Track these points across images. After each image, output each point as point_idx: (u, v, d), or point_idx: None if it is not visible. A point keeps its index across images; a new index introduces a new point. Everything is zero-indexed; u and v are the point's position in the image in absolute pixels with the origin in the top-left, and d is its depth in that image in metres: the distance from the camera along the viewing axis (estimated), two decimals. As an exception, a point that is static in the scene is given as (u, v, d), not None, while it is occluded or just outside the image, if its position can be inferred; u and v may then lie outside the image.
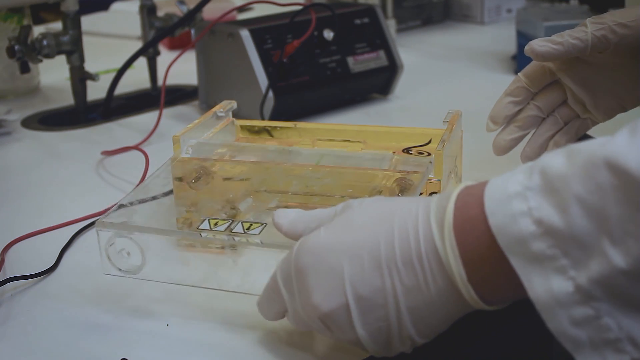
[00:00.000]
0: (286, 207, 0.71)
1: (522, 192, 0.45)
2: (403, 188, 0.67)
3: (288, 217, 0.56)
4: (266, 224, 0.63)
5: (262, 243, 0.60)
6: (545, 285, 0.44)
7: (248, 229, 0.63)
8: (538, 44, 0.73)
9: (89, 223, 0.80)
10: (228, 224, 0.64)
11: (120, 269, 0.64)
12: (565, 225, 0.43)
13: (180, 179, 0.72)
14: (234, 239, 0.61)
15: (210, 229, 0.64)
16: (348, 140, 0.79)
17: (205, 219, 0.65)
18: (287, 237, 0.56)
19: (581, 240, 0.43)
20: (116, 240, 0.62)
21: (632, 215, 0.41)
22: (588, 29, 0.72)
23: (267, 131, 0.82)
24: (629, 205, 0.41)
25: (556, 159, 0.45)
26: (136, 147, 0.98)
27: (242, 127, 0.82)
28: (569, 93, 0.78)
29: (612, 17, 0.72)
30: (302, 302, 0.53)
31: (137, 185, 0.69)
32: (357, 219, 0.52)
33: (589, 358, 0.44)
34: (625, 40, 0.72)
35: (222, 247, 0.73)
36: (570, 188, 0.43)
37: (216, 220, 0.65)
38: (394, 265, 0.49)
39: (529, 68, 0.78)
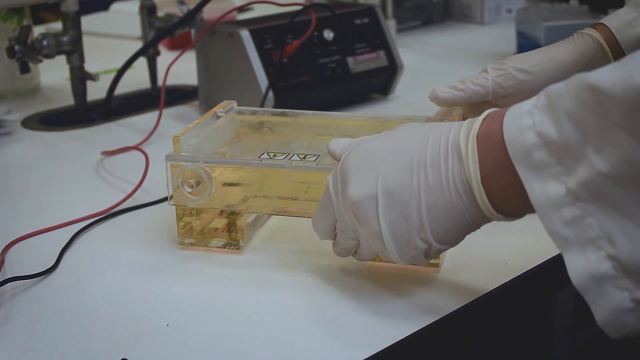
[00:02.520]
0: (285, 212, 0.72)
1: (530, 110, 0.51)
2: None
3: (340, 143, 0.66)
4: (319, 155, 0.72)
5: (317, 165, 0.70)
6: (543, 189, 0.50)
7: (304, 158, 0.72)
8: (441, 91, 0.77)
9: (89, 223, 0.80)
10: (285, 155, 0.72)
11: (188, 196, 0.71)
12: (559, 136, 0.49)
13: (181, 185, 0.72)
14: (291, 163, 0.70)
15: (270, 158, 0.71)
16: (348, 136, 0.79)
17: (263, 153, 0.73)
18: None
19: (571, 150, 0.49)
20: (184, 171, 0.71)
21: (609, 127, 0.46)
22: (489, 75, 0.76)
23: (267, 126, 0.81)
24: (605, 118, 0.47)
25: (559, 85, 0.51)
26: (136, 147, 0.98)
27: (242, 122, 0.82)
28: None
29: (512, 63, 0.77)
30: (342, 197, 0.60)
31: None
32: (399, 131, 0.60)
33: (574, 255, 0.49)
34: (525, 85, 0.76)
35: (224, 247, 0.74)
36: (563, 105, 0.49)
37: (274, 153, 0.73)
38: (422, 166, 0.56)
39: (437, 113, 0.81)
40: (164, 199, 0.85)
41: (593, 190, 0.48)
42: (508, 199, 0.54)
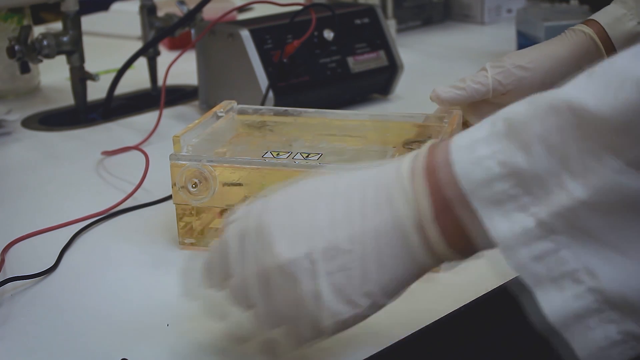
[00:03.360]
0: None
1: (485, 138, 0.47)
2: None
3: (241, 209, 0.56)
4: (322, 154, 0.73)
5: (320, 164, 0.70)
6: (507, 224, 0.45)
7: (307, 157, 0.72)
8: (443, 90, 0.77)
9: (89, 223, 0.80)
10: (289, 154, 0.72)
11: (190, 194, 0.71)
12: (528, 164, 0.45)
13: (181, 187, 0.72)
14: (295, 162, 0.70)
15: (274, 157, 0.72)
16: (348, 135, 0.79)
17: (267, 152, 0.73)
18: None
19: (543, 178, 0.45)
20: (187, 170, 0.71)
21: (591, 150, 0.43)
22: (489, 73, 0.76)
23: (268, 126, 0.81)
24: (588, 141, 0.43)
25: (518, 107, 0.47)
26: (136, 147, 0.98)
27: (243, 122, 0.82)
28: None
29: (510, 60, 0.76)
30: (258, 258, 0.51)
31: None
32: (330, 176, 0.53)
33: (548, 292, 0.45)
34: (524, 82, 0.76)
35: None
36: (533, 129, 0.45)
37: (277, 152, 0.73)
38: (365, 208, 0.50)
39: (437, 112, 0.81)
40: (164, 199, 0.85)
41: (569, 220, 0.44)
42: (462, 238, 0.48)
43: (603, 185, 0.43)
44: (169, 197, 0.84)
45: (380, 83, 1.17)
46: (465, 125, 0.80)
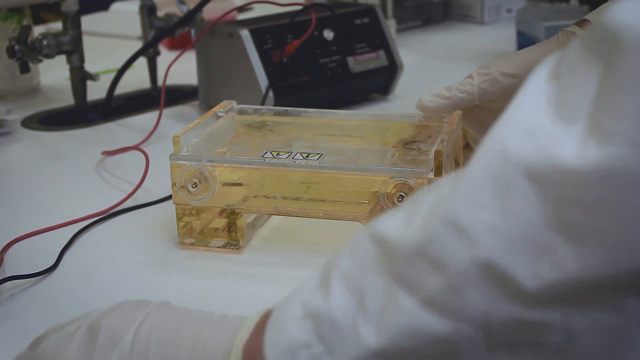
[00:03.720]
0: (286, 212, 0.72)
1: (311, 278, 0.44)
2: (403, 192, 0.67)
3: None
4: (322, 154, 0.72)
5: (320, 164, 0.70)
6: None
7: (307, 157, 0.72)
8: (428, 100, 0.75)
9: (89, 223, 0.80)
10: (288, 154, 0.72)
11: (190, 194, 0.71)
12: (326, 305, 0.41)
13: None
14: (295, 162, 0.70)
15: (274, 157, 0.71)
16: (348, 135, 0.79)
17: (267, 152, 0.73)
18: None
19: (338, 322, 0.41)
20: (187, 170, 0.71)
21: (389, 287, 0.40)
22: (474, 81, 0.74)
23: (268, 126, 0.82)
24: (387, 276, 0.40)
25: (345, 245, 0.44)
26: (136, 147, 0.98)
27: (242, 122, 0.82)
28: (469, 138, 0.79)
29: (497, 67, 0.74)
30: None
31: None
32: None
33: None
34: (512, 89, 0.73)
35: (224, 247, 0.74)
36: (339, 265, 0.42)
37: (277, 152, 0.73)
38: None
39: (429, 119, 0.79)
40: (164, 199, 0.85)
41: None
42: None
43: (397, 331, 0.39)
44: (168, 197, 0.84)
45: (380, 83, 1.17)
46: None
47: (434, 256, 0.39)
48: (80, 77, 1.12)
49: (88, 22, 1.51)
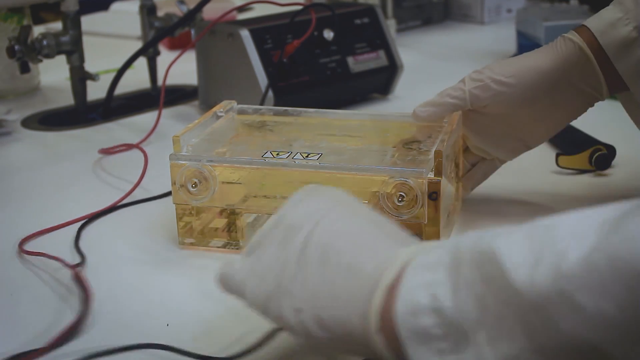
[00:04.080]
0: None
1: (434, 265, 0.45)
2: (403, 192, 0.67)
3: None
4: (322, 153, 0.72)
5: (319, 164, 0.70)
6: None
7: (307, 157, 0.72)
8: (420, 110, 0.75)
9: (88, 222, 0.80)
10: (289, 154, 0.72)
11: (190, 194, 0.71)
12: (454, 307, 0.43)
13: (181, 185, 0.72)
14: (295, 162, 0.70)
15: (274, 157, 0.71)
16: (348, 135, 0.79)
17: (267, 152, 0.73)
18: None
19: (463, 327, 0.42)
20: (187, 170, 0.71)
21: (507, 318, 0.41)
22: (466, 87, 0.74)
23: (268, 126, 0.82)
24: (506, 308, 0.41)
25: (467, 239, 0.45)
26: (135, 146, 0.98)
27: (242, 122, 0.82)
28: (468, 142, 0.79)
29: (490, 73, 0.73)
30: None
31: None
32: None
33: None
34: (503, 96, 0.73)
35: (224, 247, 0.74)
36: (466, 271, 0.43)
37: (277, 152, 0.73)
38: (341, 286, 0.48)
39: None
40: (163, 195, 0.85)
41: None
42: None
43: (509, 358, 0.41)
44: (167, 193, 0.84)
45: (380, 83, 1.18)
46: None
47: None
48: (80, 77, 1.12)
49: (88, 22, 1.51)
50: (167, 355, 0.58)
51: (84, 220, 0.81)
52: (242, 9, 1.67)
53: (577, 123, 0.90)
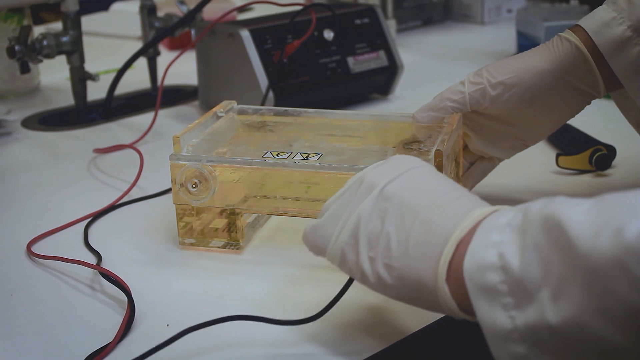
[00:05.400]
0: (286, 212, 0.72)
1: (503, 226, 0.49)
2: None
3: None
4: (322, 154, 0.73)
5: (320, 165, 0.70)
6: (491, 317, 0.47)
7: (307, 157, 0.72)
8: (420, 116, 0.76)
9: (88, 222, 0.80)
10: (289, 154, 0.72)
11: (191, 194, 0.72)
12: (519, 266, 0.46)
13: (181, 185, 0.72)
14: (295, 163, 0.70)
15: (274, 157, 0.72)
16: (348, 135, 0.79)
17: (267, 152, 0.73)
18: None
19: (527, 286, 0.46)
20: (187, 170, 0.71)
21: (572, 280, 0.44)
22: (466, 89, 0.74)
23: (268, 126, 0.82)
24: (571, 270, 0.44)
25: (536, 204, 0.48)
26: (129, 146, 0.98)
27: (242, 122, 0.82)
28: (467, 140, 0.79)
29: (489, 75, 0.74)
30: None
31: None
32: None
33: None
34: (502, 98, 0.74)
35: (224, 247, 0.74)
36: (533, 234, 0.46)
37: (277, 152, 0.73)
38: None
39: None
40: (163, 192, 0.85)
41: (538, 336, 0.46)
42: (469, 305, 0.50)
43: (571, 318, 0.44)
44: (165, 191, 0.85)
45: (380, 83, 1.17)
46: None
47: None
48: (80, 77, 1.12)
49: (88, 22, 1.51)
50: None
51: (89, 219, 0.81)
52: (242, 9, 1.67)
53: (577, 123, 0.90)
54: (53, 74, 1.33)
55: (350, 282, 0.59)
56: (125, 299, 0.65)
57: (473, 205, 0.53)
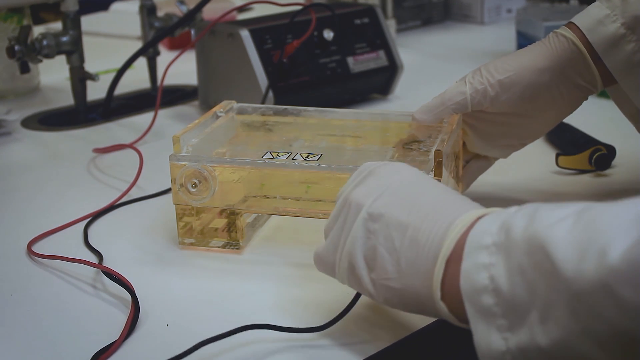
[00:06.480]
0: (285, 212, 0.72)
1: (490, 246, 0.48)
2: None
3: None
4: (322, 154, 0.73)
5: (320, 165, 0.70)
6: (486, 338, 0.48)
7: (306, 157, 0.72)
8: (420, 115, 0.76)
9: (88, 222, 0.80)
10: (288, 154, 0.72)
11: (190, 194, 0.72)
12: (509, 289, 0.47)
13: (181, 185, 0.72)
14: (294, 163, 0.70)
15: (274, 158, 0.72)
16: (348, 135, 0.79)
17: (266, 152, 0.73)
18: None
19: (517, 307, 0.46)
20: (187, 170, 0.71)
21: (557, 303, 0.44)
22: (467, 89, 0.74)
23: (267, 126, 0.82)
24: (555, 293, 0.44)
25: (519, 221, 0.48)
26: (130, 146, 0.98)
27: (242, 122, 0.82)
28: (465, 139, 0.79)
29: (488, 75, 0.74)
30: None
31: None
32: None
33: None
34: (501, 97, 0.74)
35: (224, 247, 0.74)
36: (518, 256, 0.46)
37: (277, 152, 0.73)
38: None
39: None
40: (162, 192, 0.85)
41: (528, 357, 0.46)
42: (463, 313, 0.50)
43: (559, 340, 0.44)
44: (165, 191, 0.85)
45: (380, 83, 1.17)
46: None
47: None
48: (80, 77, 1.12)
49: (88, 22, 1.51)
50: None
51: (89, 219, 0.81)
52: (242, 9, 1.67)
53: (577, 123, 0.90)
54: (53, 74, 1.33)
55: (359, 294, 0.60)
56: (128, 297, 0.65)
57: (458, 211, 0.53)
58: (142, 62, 1.22)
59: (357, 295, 0.60)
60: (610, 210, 0.44)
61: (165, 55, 1.32)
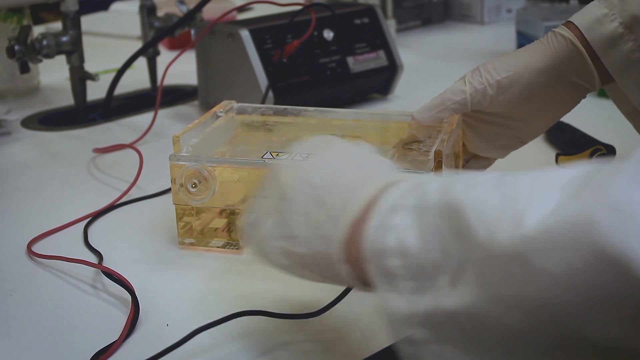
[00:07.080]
0: None
1: (404, 207, 0.47)
2: None
3: None
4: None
5: None
6: (390, 300, 0.46)
7: (307, 157, 0.69)
8: (420, 115, 0.75)
9: (88, 222, 0.80)
10: (288, 154, 0.71)
11: (190, 194, 0.71)
12: (419, 251, 0.45)
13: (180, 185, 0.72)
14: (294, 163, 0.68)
15: (274, 158, 0.72)
16: (348, 135, 0.79)
17: (266, 152, 0.73)
18: None
19: (425, 271, 0.45)
20: (187, 170, 0.71)
21: (469, 267, 0.43)
22: (467, 89, 0.74)
23: (267, 126, 0.82)
24: (467, 257, 0.43)
25: (436, 184, 0.47)
26: (130, 146, 0.98)
27: (242, 122, 0.82)
28: (464, 139, 0.79)
29: (487, 75, 0.74)
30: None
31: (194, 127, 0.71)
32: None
33: None
34: (500, 97, 0.74)
35: (224, 247, 0.74)
36: (433, 219, 0.45)
37: (277, 152, 0.73)
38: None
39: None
40: (162, 192, 0.85)
41: (436, 321, 0.45)
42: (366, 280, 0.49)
43: (470, 306, 0.43)
44: (165, 191, 0.85)
45: (379, 83, 1.17)
46: None
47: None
48: (80, 77, 1.12)
49: (88, 22, 1.51)
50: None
51: (88, 219, 0.81)
52: (242, 9, 1.67)
53: (577, 123, 0.90)
54: (53, 73, 1.33)
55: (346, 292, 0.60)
56: (128, 297, 0.65)
57: (374, 175, 0.52)
58: (142, 62, 1.22)
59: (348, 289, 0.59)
60: (529, 177, 0.43)
61: (165, 55, 1.32)
